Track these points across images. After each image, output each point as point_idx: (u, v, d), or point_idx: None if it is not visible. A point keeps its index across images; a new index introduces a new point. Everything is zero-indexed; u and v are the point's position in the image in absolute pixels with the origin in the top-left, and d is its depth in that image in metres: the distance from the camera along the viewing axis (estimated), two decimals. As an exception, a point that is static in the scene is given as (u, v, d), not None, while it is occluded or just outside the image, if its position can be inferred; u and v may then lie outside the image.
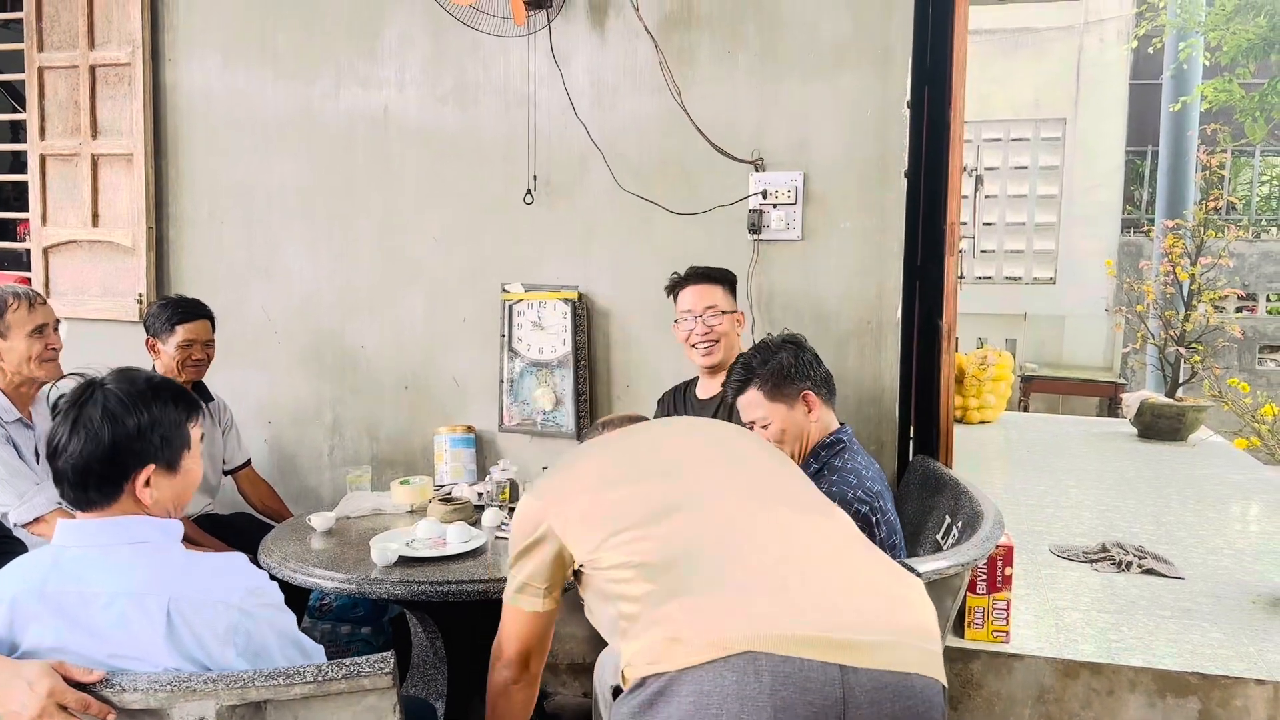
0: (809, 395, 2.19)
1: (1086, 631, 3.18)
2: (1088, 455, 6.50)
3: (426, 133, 3.48)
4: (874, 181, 3.04)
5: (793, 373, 2.21)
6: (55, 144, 3.87)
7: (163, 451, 1.57)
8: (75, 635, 1.45)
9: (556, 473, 1.79)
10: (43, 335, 2.60)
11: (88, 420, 1.52)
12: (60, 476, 1.54)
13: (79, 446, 1.51)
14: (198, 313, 3.12)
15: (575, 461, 1.81)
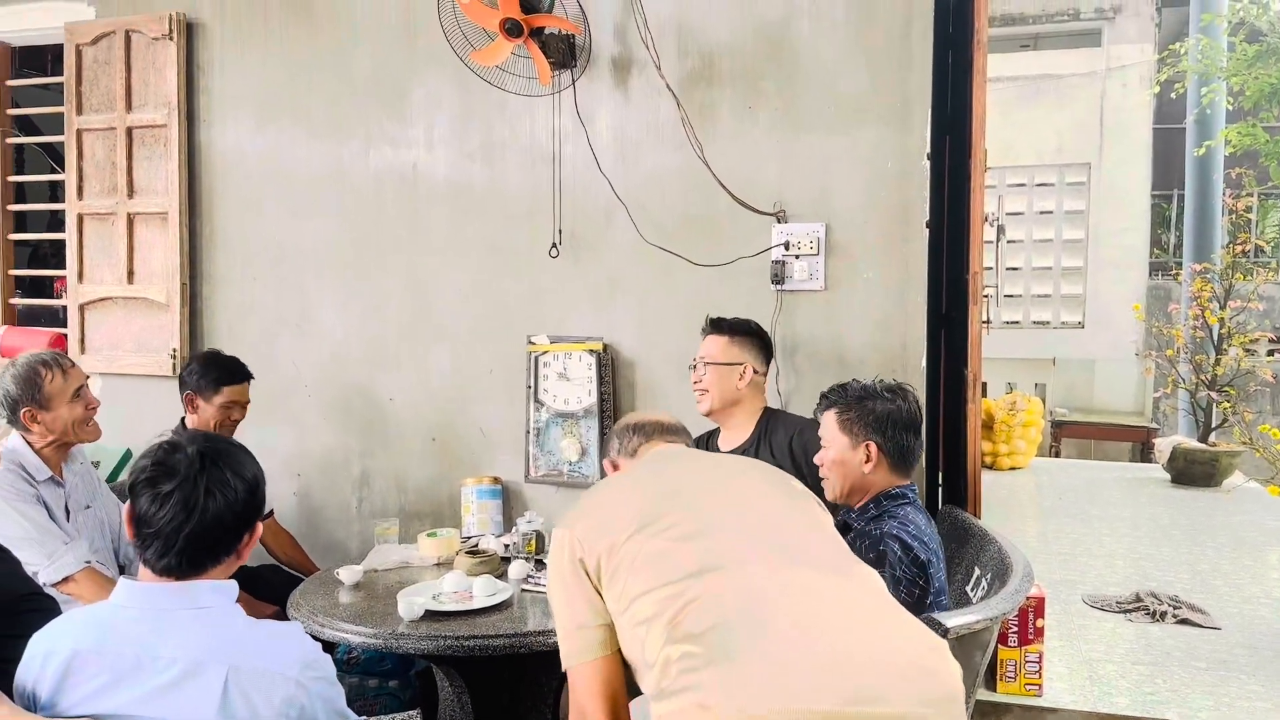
0: (871, 447, 2.17)
1: (1121, 684, 3.13)
2: (1120, 502, 6.42)
3: (454, 189, 3.54)
4: (896, 231, 3.06)
5: (871, 421, 2.19)
6: (92, 203, 3.98)
7: (263, 506, 1.63)
8: (125, 697, 1.45)
9: (589, 511, 1.72)
10: (81, 397, 2.64)
11: (220, 483, 1.53)
12: (183, 545, 1.50)
13: (218, 508, 1.51)
14: (242, 375, 3.17)
15: (608, 500, 1.74)
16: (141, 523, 1.51)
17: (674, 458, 1.91)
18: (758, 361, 2.86)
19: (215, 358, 3.19)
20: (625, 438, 1.96)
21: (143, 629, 1.49)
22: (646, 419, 1.99)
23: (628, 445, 1.95)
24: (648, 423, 1.98)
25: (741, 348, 2.85)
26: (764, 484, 1.79)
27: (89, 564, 2.52)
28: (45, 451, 2.60)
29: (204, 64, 3.84)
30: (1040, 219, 9.83)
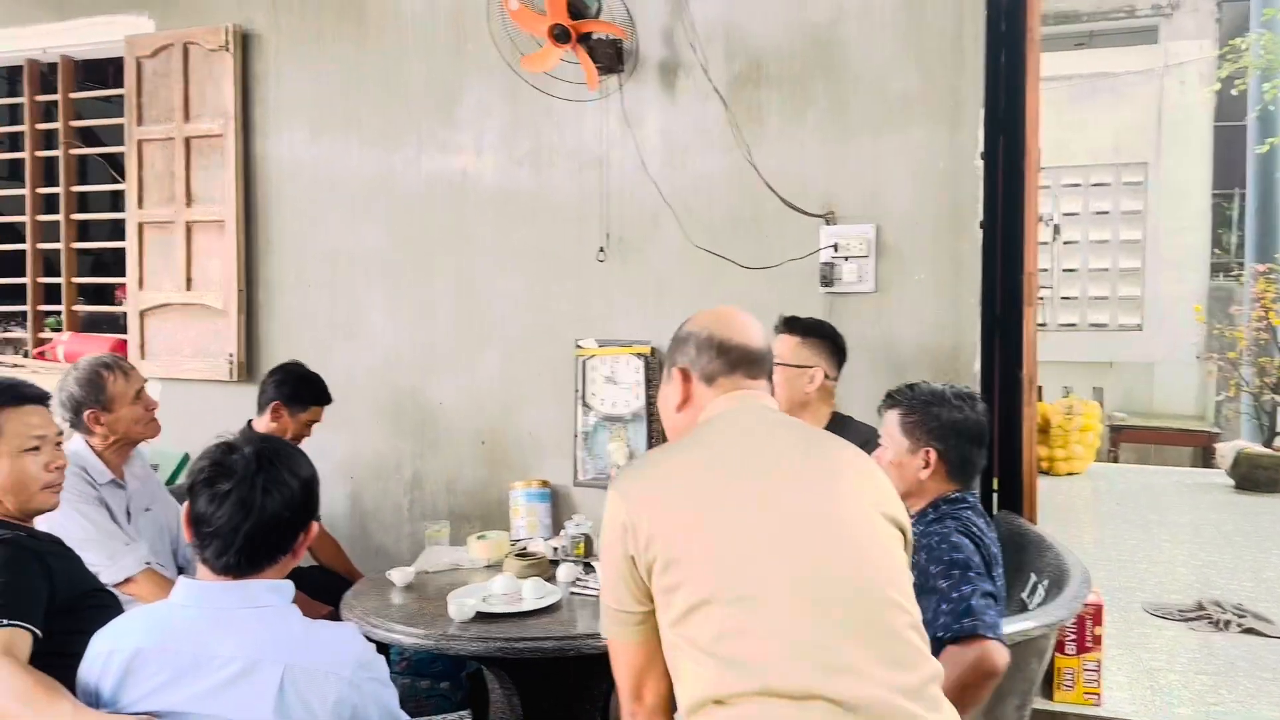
0: (931, 454, 2.11)
1: (1184, 694, 3.05)
2: (1181, 507, 6.27)
3: (503, 195, 3.57)
4: (948, 232, 3.02)
5: (935, 427, 2.11)
6: (152, 212, 4.07)
7: (318, 507, 1.65)
8: (184, 694, 1.48)
9: (651, 492, 1.50)
10: (142, 399, 2.70)
11: (277, 482, 1.54)
12: (241, 544, 1.52)
13: (274, 507, 1.53)
14: (329, 397, 3.27)
15: (674, 490, 1.50)
16: (200, 522, 1.54)
17: (755, 445, 1.55)
18: (830, 365, 2.75)
19: (309, 379, 3.24)
20: (705, 353, 1.62)
21: (201, 627, 1.51)
22: (733, 337, 1.63)
23: (705, 366, 1.62)
24: (734, 345, 1.62)
25: (813, 350, 2.74)
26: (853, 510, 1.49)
27: (149, 565, 2.57)
28: (106, 454, 2.66)
29: (259, 74, 3.91)
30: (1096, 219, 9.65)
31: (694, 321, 1.68)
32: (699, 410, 1.62)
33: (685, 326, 1.68)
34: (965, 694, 1.74)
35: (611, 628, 1.52)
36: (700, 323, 1.67)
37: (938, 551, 1.95)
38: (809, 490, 1.49)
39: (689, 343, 1.65)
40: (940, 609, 1.83)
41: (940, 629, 1.79)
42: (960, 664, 1.75)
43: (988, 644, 1.77)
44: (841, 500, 1.49)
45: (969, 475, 2.13)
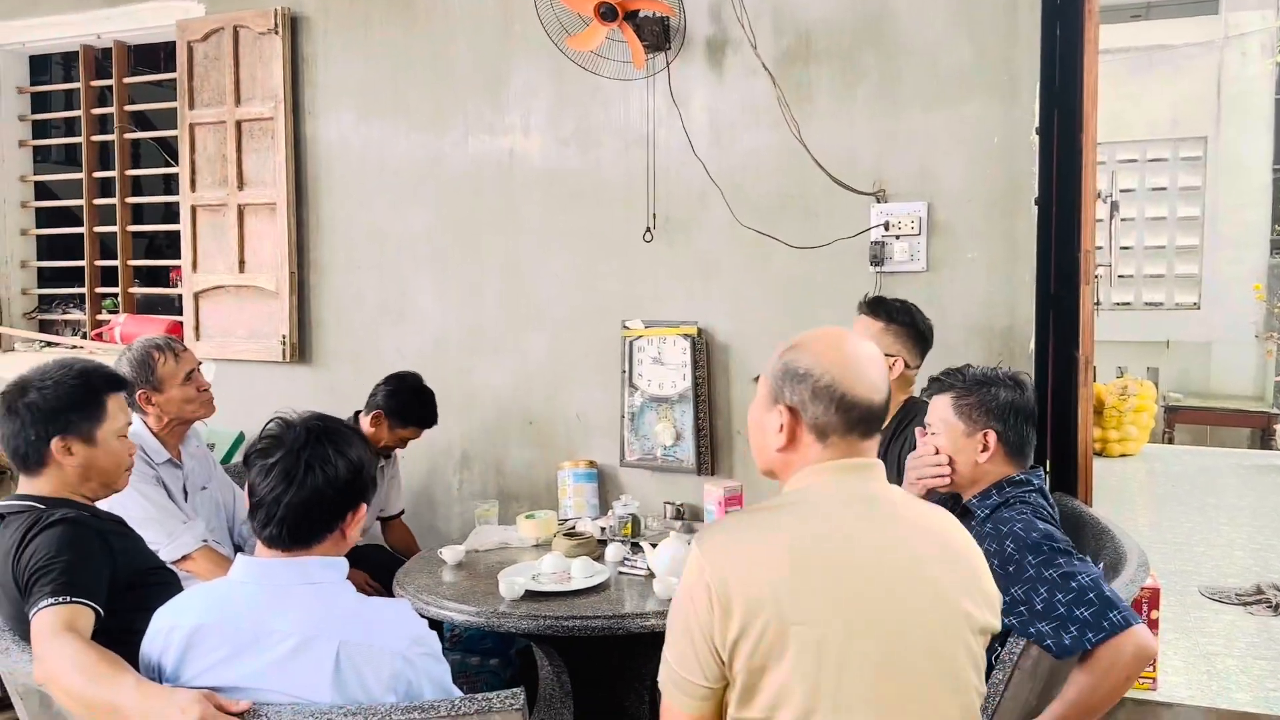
0: (990, 436, 2.04)
1: (1242, 679, 3.00)
2: (1239, 489, 6.14)
3: (549, 175, 3.57)
4: (1003, 209, 2.97)
5: (993, 408, 2.05)
6: (205, 195, 4.12)
7: (370, 490, 1.66)
8: (243, 669, 1.51)
9: (739, 566, 1.35)
10: (193, 379, 2.74)
11: (321, 459, 1.56)
12: (283, 515, 1.55)
13: (315, 483, 1.55)
14: (433, 421, 3.29)
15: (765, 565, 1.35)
16: (251, 492, 1.58)
17: (853, 533, 1.39)
18: (911, 355, 2.64)
19: (421, 397, 3.26)
20: (821, 403, 1.42)
21: (259, 604, 1.54)
22: (858, 392, 1.43)
23: (820, 417, 1.43)
24: (858, 403, 1.43)
25: (896, 338, 2.62)
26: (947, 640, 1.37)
27: (206, 543, 2.63)
28: (162, 434, 2.71)
29: (308, 57, 3.94)
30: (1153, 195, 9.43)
31: (812, 354, 1.46)
32: (797, 461, 1.46)
33: (803, 359, 1.45)
34: (1129, 684, 1.74)
35: (669, 686, 1.39)
36: (822, 362, 1.44)
37: (1026, 538, 1.88)
38: (908, 607, 1.35)
39: (804, 384, 1.44)
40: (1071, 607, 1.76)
41: (1089, 630, 1.74)
42: (1123, 659, 1.73)
43: (1137, 631, 1.74)
44: (938, 620, 1.37)
45: (1026, 455, 2.09)
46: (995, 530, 1.94)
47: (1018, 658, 1.80)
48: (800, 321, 3.22)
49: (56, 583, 1.71)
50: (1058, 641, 1.77)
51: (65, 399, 1.94)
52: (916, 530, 1.43)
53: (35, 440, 1.92)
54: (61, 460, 1.93)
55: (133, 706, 1.48)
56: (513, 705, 1.44)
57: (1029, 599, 1.81)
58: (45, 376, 1.96)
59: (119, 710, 1.49)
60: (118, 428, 2.02)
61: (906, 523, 1.43)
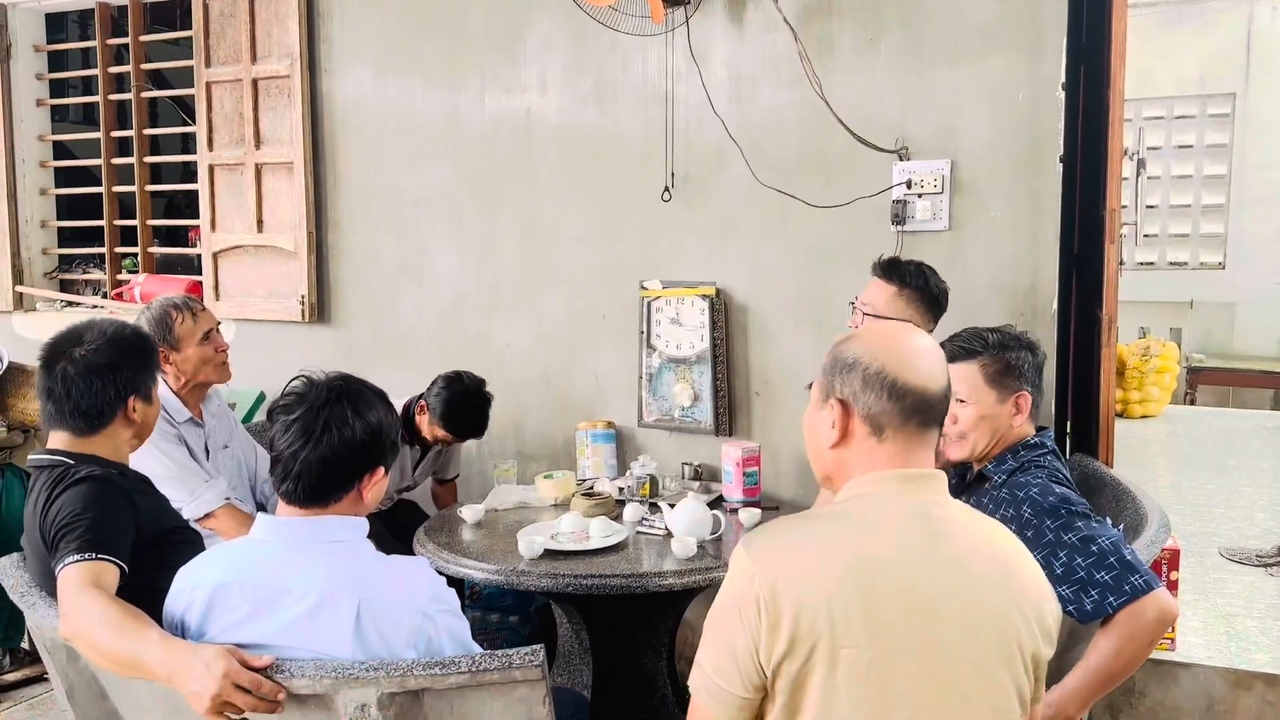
0: (1024, 399, 2.04)
1: (1261, 640, 2.99)
2: (1261, 451, 6.10)
3: (567, 133, 3.54)
4: (1027, 167, 2.92)
5: (1021, 372, 2.05)
6: (222, 154, 4.11)
7: (390, 455, 1.66)
8: (265, 627, 1.53)
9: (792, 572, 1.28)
10: (211, 339, 2.75)
11: (339, 419, 1.57)
12: (299, 471, 1.56)
13: (331, 443, 1.56)
14: (469, 436, 3.17)
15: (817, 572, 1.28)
16: (272, 447, 1.60)
17: (911, 553, 1.32)
18: (924, 320, 2.58)
19: (470, 413, 3.10)
20: (874, 392, 1.36)
21: (280, 562, 1.56)
22: (912, 379, 1.36)
23: (873, 407, 1.36)
24: (913, 390, 1.35)
25: (909, 303, 2.57)
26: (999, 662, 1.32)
27: (229, 501, 2.65)
28: (182, 393, 2.73)
29: (324, 13, 3.90)
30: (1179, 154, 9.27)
31: (862, 343, 1.40)
32: (854, 462, 1.39)
33: (851, 349, 1.40)
34: (1151, 647, 1.74)
35: (703, 693, 1.32)
36: (873, 350, 1.38)
37: (1044, 502, 1.88)
38: (960, 636, 1.29)
39: (854, 372, 1.37)
40: (1092, 570, 1.76)
41: (1110, 593, 1.74)
42: (1146, 622, 1.73)
43: (1159, 594, 1.74)
44: (989, 651, 1.31)
45: (1040, 407, 2.10)
46: (1011, 495, 1.94)
47: (1056, 629, 1.80)
48: (820, 282, 3.20)
49: (82, 539, 1.73)
50: (1079, 606, 1.76)
51: (137, 359, 1.98)
52: (977, 554, 1.35)
53: (113, 399, 1.93)
54: (130, 419, 1.96)
55: (157, 661, 1.50)
56: (533, 662, 1.45)
57: (1048, 564, 1.81)
58: (112, 337, 1.96)
59: (144, 665, 1.52)
60: (157, 384, 2.07)
61: (968, 545, 1.35)
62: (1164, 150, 9.26)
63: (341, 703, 1.45)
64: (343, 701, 1.45)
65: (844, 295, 3.14)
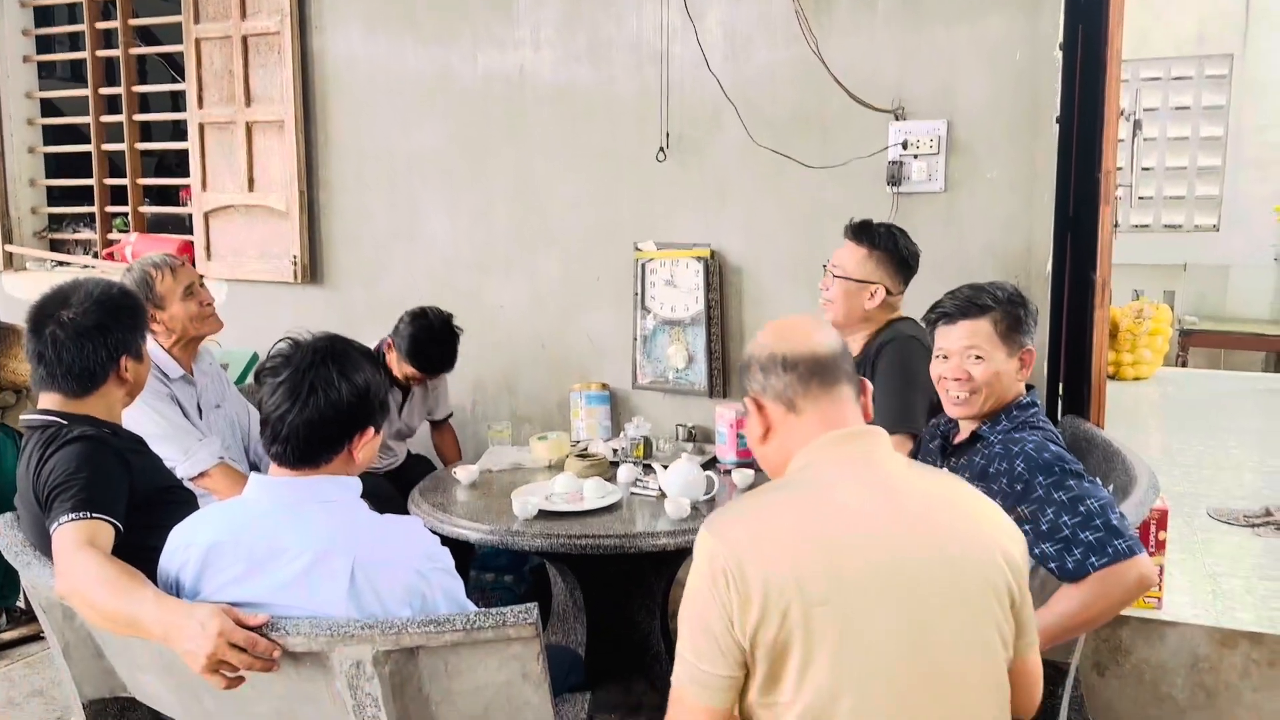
0: (1029, 355, 2.06)
1: (1246, 599, 3.02)
2: (1251, 413, 6.13)
3: (560, 92, 3.50)
4: (1023, 128, 2.91)
5: (1029, 326, 2.06)
6: (212, 112, 4.07)
7: (379, 415, 1.66)
8: (259, 585, 1.54)
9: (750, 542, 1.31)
10: (194, 294, 2.73)
11: (324, 381, 1.57)
12: (287, 434, 1.56)
13: (317, 405, 1.56)
14: (436, 371, 3.17)
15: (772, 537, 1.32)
16: (260, 409, 1.60)
17: (864, 506, 1.36)
18: (893, 282, 2.61)
19: (431, 349, 3.09)
20: (771, 373, 1.46)
21: (273, 522, 1.56)
22: (796, 348, 1.45)
23: (776, 386, 1.45)
24: (801, 357, 1.44)
25: (879, 265, 2.60)
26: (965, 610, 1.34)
27: (223, 460, 2.65)
28: (174, 351, 2.72)
29: (313, -31, 3.85)
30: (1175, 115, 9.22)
31: (753, 344, 1.53)
32: (788, 442, 1.45)
33: (745, 351, 1.53)
34: (1119, 609, 1.78)
35: (688, 683, 1.32)
36: (760, 343, 1.51)
37: (1039, 459, 1.88)
38: (926, 576, 1.32)
39: (752, 367, 1.50)
40: (1077, 530, 1.78)
41: (1092, 554, 1.76)
42: (1124, 586, 1.75)
43: (1140, 560, 1.76)
44: (957, 588, 1.33)
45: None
46: (1006, 450, 1.94)
47: (1021, 558, 1.83)
48: (815, 243, 3.19)
49: (77, 498, 1.73)
50: (1060, 564, 1.78)
51: (127, 319, 1.97)
52: (933, 500, 1.40)
53: (105, 359, 1.93)
54: (123, 378, 1.96)
55: (153, 620, 1.51)
56: (527, 620, 1.46)
57: (1035, 519, 1.82)
58: (99, 298, 1.95)
59: (139, 623, 1.52)
60: (147, 342, 2.07)
61: (917, 492, 1.40)
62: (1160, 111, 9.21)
63: (337, 660, 1.46)
64: (338, 659, 1.46)
65: (838, 257, 3.15)
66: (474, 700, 1.54)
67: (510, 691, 1.53)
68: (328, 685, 1.51)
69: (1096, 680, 2.36)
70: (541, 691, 1.53)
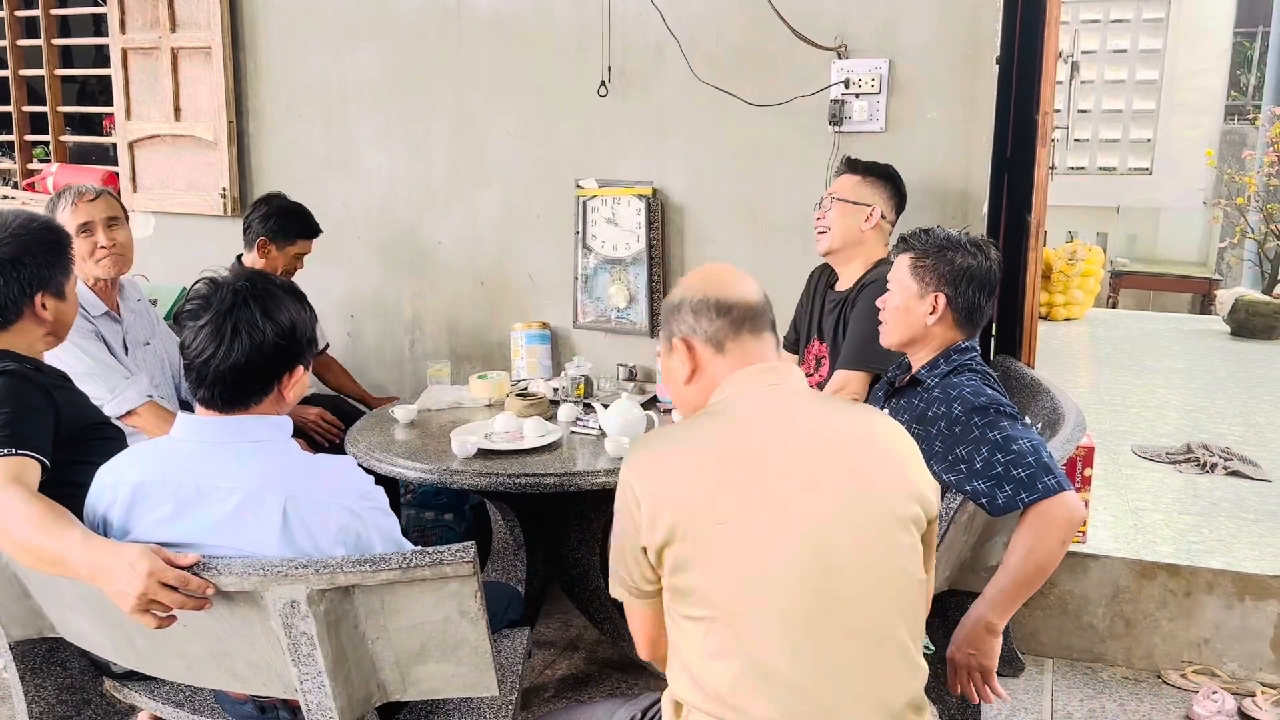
0: (940, 300, 2.03)
1: (1166, 533, 3.14)
2: (1177, 354, 6.33)
3: (499, 23, 3.42)
4: (964, 69, 2.91)
5: (946, 273, 2.03)
6: (135, 37, 3.90)
7: (307, 353, 1.62)
8: (190, 525, 1.52)
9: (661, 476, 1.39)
10: (89, 233, 2.60)
11: (248, 323, 1.52)
12: (213, 379, 1.53)
13: (243, 348, 1.51)
14: (316, 230, 3.22)
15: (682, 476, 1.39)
16: (183, 351, 1.56)
17: (776, 437, 1.42)
18: (887, 207, 2.71)
19: (294, 211, 3.17)
20: (705, 316, 1.51)
21: (202, 461, 1.54)
22: (730, 295, 1.52)
23: (708, 329, 1.51)
24: (734, 303, 1.51)
25: (873, 189, 2.70)
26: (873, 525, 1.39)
27: (151, 398, 2.59)
28: (96, 288, 2.63)
29: (240, -113, 3.68)
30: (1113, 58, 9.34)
31: (683, 287, 1.56)
32: (712, 382, 1.52)
33: (674, 294, 1.57)
34: (1062, 549, 1.80)
35: (621, 590, 1.48)
36: (691, 287, 1.55)
37: (975, 401, 1.91)
38: (830, 501, 1.37)
39: (683, 309, 1.53)
40: (1009, 468, 1.82)
41: (1023, 490, 1.80)
42: (1055, 521, 1.79)
43: (1067, 496, 1.80)
44: (862, 512, 1.38)
45: (976, 324, 2.10)
46: (944, 394, 1.98)
47: (954, 512, 1.87)
48: (758, 183, 3.18)
49: (1, 435, 1.68)
50: (991, 500, 1.83)
51: (44, 254, 1.88)
52: (836, 426, 1.47)
53: (17, 295, 1.85)
54: (40, 316, 1.88)
55: (80, 561, 1.48)
56: (464, 558, 1.46)
57: (970, 458, 1.86)
58: (15, 230, 1.87)
59: (67, 563, 1.50)
60: (73, 280, 1.98)
61: (826, 419, 1.48)
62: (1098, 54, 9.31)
63: (271, 600, 1.45)
64: (272, 598, 1.45)
65: (782, 196, 3.15)
66: (411, 636, 1.54)
67: (447, 628, 1.54)
68: (261, 624, 1.50)
69: (1022, 611, 2.44)
70: (479, 627, 1.54)
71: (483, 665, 1.58)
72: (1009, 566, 1.81)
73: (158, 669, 1.71)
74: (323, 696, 1.51)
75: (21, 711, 1.84)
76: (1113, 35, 9.31)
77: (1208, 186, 9.11)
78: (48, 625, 1.78)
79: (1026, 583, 1.82)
